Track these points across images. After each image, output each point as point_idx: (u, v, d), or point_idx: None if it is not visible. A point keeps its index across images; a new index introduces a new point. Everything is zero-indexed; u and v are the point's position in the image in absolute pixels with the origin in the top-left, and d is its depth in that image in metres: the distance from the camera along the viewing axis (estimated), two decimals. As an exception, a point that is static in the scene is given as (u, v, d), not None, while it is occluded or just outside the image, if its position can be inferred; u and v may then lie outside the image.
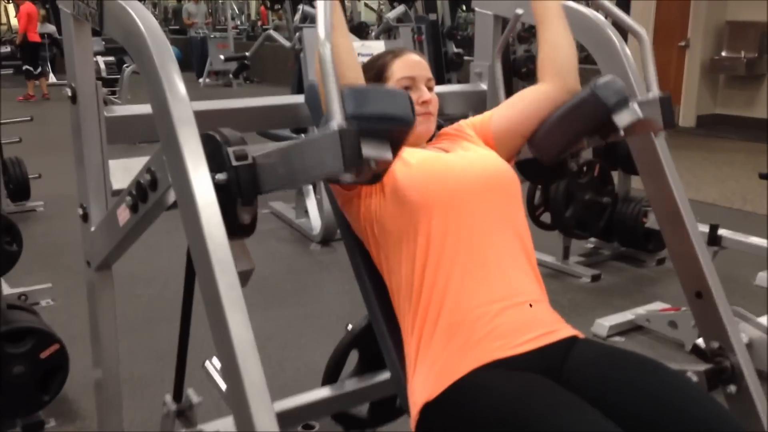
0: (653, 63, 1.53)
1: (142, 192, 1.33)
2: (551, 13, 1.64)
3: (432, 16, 7.57)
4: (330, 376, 2.00)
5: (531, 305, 1.40)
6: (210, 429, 1.72)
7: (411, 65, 1.58)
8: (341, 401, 1.94)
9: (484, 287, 1.38)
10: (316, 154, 1.12)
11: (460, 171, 1.47)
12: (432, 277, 1.39)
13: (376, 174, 1.17)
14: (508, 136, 1.62)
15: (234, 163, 1.23)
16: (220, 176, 1.22)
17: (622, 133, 1.50)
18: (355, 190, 1.47)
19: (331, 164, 1.08)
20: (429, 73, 1.61)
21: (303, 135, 2.94)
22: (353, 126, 1.06)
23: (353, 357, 2.01)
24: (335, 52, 1.10)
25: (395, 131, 1.14)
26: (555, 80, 1.60)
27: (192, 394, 1.71)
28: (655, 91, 1.51)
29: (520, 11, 1.83)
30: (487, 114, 1.67)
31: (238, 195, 1.23)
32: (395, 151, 1.14)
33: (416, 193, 1.41)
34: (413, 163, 1.45)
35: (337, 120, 1.06)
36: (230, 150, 1.23)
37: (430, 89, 1.60)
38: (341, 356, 2.00)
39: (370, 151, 1.09)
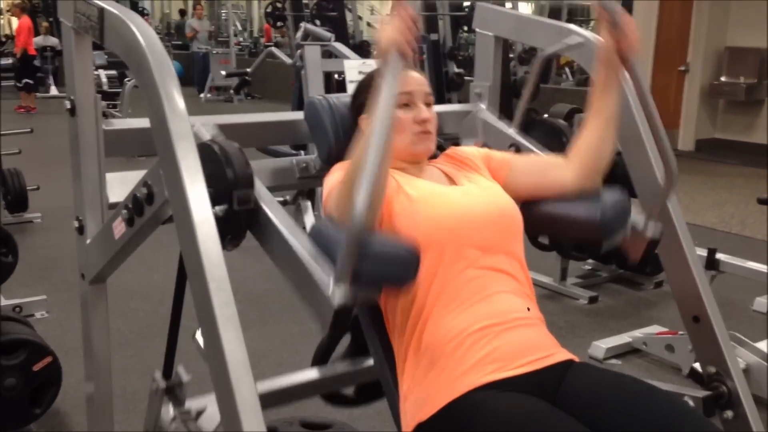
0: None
1: (138, 205, 1.33)
2: (611, 109, 1.59)
3: (433, 36, 7.61)
4: (320, 358, 1.99)
5: (529, 326, 1.40)
6: (198, 405, 1.68)
7: (409, 81, 1.57)
8: (329, 383, 1.96)
9: (480, 312, 1.37)
10: (310, 291, 1.22)
11: (462, 210, 1.45)
12: (428, 306, 1.38)
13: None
14: (516, 192, 1.59)
15: (236, 207, 1.25)
16: (219, 209, 1.23)
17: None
18: None
19: (319, 312, 1.19)
20: (428, 89, 1.59)
21: (302, 152, 2.94)
22: (351, 303, 1.15)
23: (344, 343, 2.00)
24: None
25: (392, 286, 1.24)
26: (583, 173, 1.58)
27: (182, 372, 1.66)
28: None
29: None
30: (504, 159, 1.65)
31: (228, 233, 1.24)
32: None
33: (416, 234, 1.38)
34: (414, 198, 1.43)
35: (338, 296, 1.14)
36: (235, 194, 1.25)
37: (428, 105, 1.58)
38: (332, 340, 1.99)
39: (359, 296, 1.17)
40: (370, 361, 1.91)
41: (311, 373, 1.93)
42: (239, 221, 1.29)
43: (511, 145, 1.93)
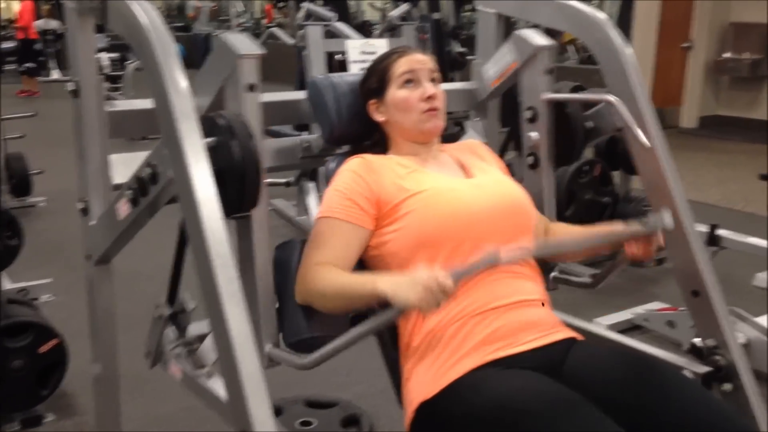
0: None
1: (142, 186, 1.34)
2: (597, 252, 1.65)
3: (436, 15, 7.57)
4: None
5: (531, 306, 1.41)
6: (199, 329, 1.65)
7: (412, 61, 1.57)
8: None
9: (483, 294, 1.39)
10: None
11: (473, 206, 1.45)
12: None
13: None
14: None
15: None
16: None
17: None
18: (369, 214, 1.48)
19: None
20: (432, 65, 1.59)
21: (306, 132, 2.94)
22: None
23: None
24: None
25: None
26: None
27: (187, 299, 1.63)
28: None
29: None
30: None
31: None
32: None
33: (426, 231, 1.41)
34: (424, 193, 1.44)
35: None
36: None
37: (434, 82, 1.57)
38: None
39: None
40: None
41: None
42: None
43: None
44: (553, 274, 1.81)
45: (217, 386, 1.42)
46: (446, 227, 1.40)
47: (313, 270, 1.42)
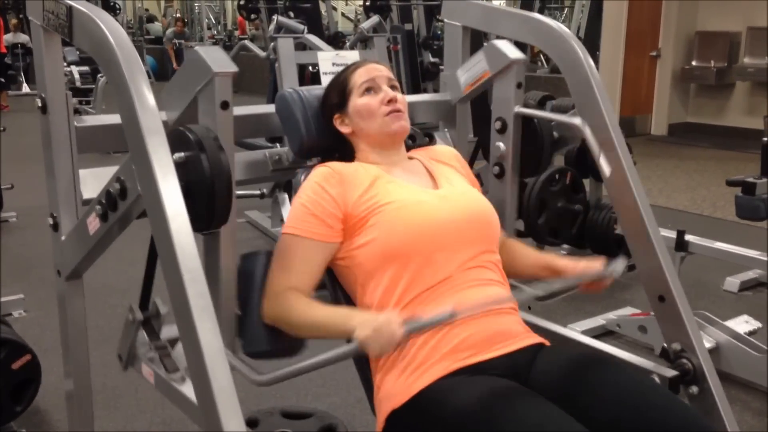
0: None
1: (111, 201, 1.34)
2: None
3: (408, 26, 7.63)
4: None
5: (501, 314, 1.43)
6: (174, 332, 1.63)
7: (369, 70, 1.60)
8: None
9: (454, 302, 1.40)
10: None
11: (438, 217, 1.47)
12: (402, 300, 1.42)
13: None
14: None
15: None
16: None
17: None
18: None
19: None
20: (390, 74, 1.62)
21: (278, 145, 2.95)
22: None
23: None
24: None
25: None
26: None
27: (159, 303, 1.61)
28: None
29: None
30: (475, 184, 1.70)
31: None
32: None
33: (392, 244, 1.43)
34: (390, 205, 1.45)
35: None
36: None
37: (394, 89, 1.61)
38: None
39: None
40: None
41: None
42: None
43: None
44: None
45: (190, 390, 1.41)
46: (412, 241, 1.42)
47: (282, 297, 1.45)
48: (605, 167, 1.66)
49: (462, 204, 1.52)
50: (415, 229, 1.43)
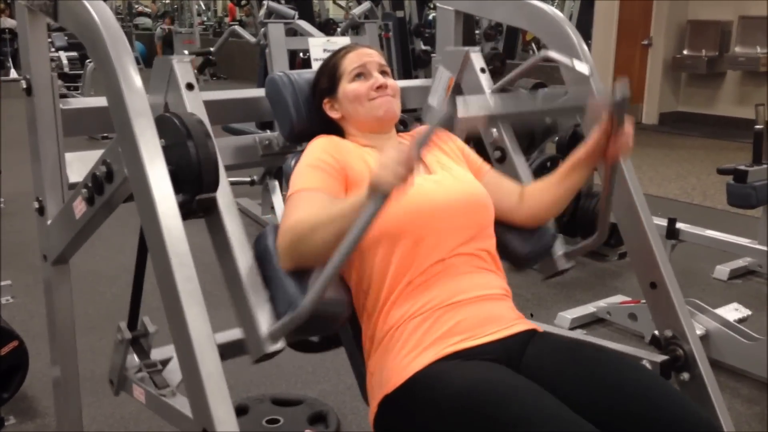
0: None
1: (98, 184, 1.32)
2: (577, 183, 1.59)
3: (399, 14, 7.59)
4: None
5: (493, 300, 1.43)
6: (164, 354, 1.66)
7: (360, 55, 1.59)
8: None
9: (447, 287, 1.40)
10: (246, 321, 1.32)
11: (434, 202, 1.45)
12: (395, 283, 1.40)
13: None
14: None
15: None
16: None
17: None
18: None
19: (250, 343, 1.32)
20: (381, 60, 1.61)
21: (268, 131, 2.94)
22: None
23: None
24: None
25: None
26: (531, 220, 1.63)
27: (148, 323, 1.63)
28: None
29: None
30: (480, 165, 1.67)
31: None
32: None
33: (386, 223, 1.38)
34: None
35: (271, 342, 1.29)
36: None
37: (384, 74, 1.59)
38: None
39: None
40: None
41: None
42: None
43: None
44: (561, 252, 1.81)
45: (182, 404, 1.40)
46: (406, 221, 1.41)
47: (292, 225, 1.35)
48: (580, 67, 1.61)
49: (456, 189, 1.50)
50: (408, 210, 1.41)
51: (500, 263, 1.52)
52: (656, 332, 1.69)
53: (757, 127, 3.30)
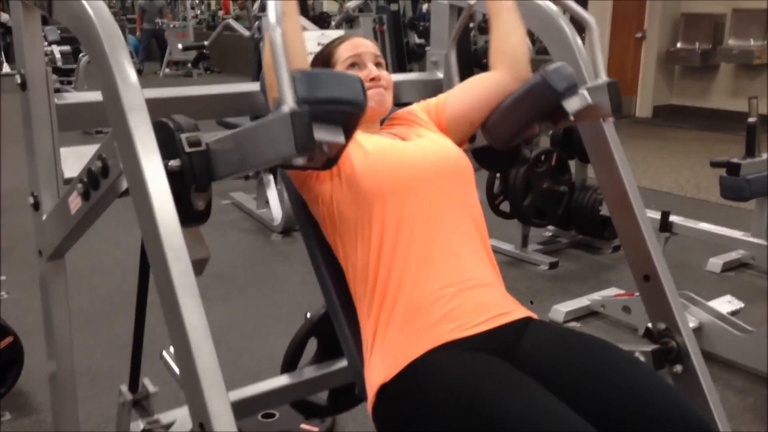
0: (600, 49, 1.56)
1: (93, 179, 1.32)
2: (503, 5, 1.66)
3: (393, 7, 7.57)
4: (289, 364, 2.00)
5: (486, 287, 1.43)
6: (167, 419, 1.72)
7: (355, 45, 1.59)
8: (300, 389, 1.95)
9: (440, 272, 1.40)
10: (269, 138, 1.11)
11: (414, 160, 1.49)
12: (388, 263, 1.41)
13: (329, 159, 1.18)
14: (461, 122, 1.64)
15: (187, 149, 1.22)
16: (174, 163, 1.21)
17: (572, 118, 1.53)
18: (309, 172, 1.48)
19: (284, 148, 1.08)
20: (376, 51, 1.61)
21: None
22: (305, 109, 1.06)
23: (312, 345, 2.01)
24: (285, 38, 1.10)
25: (347, 115, 1.14)
26: (506, 69, 1.63)
27: (148, 384, 1.69)
28: (603, 77, 1.54)
29: (472, 1, 1.86)
30: (441, 97, 1.69)
31: (192, 182, 1.23)
32: (348, 135, 1.15)
33: (371, 182, 1.42)
34: (369, 151, 1.46)
35: (288, 104, 1.06)
36: (183, 136, 1.22)
37: (379, 66, 1.60)
38: (300, 344, 2.01)
39: (322, 134, 1.09)
40: (341, 364, 1.93)
41: (281, 380, 1.93)
42: (198, 168, 1.26)
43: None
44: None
45: None
46: (390, 179, 1.43)
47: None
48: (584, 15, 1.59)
49: (434, 150, 1.53)
50: (392, 170, 1.44)
51: (490, 247, 1.53)
52: (650, 325, 1.69)
53: (751, 119, 3.31)
